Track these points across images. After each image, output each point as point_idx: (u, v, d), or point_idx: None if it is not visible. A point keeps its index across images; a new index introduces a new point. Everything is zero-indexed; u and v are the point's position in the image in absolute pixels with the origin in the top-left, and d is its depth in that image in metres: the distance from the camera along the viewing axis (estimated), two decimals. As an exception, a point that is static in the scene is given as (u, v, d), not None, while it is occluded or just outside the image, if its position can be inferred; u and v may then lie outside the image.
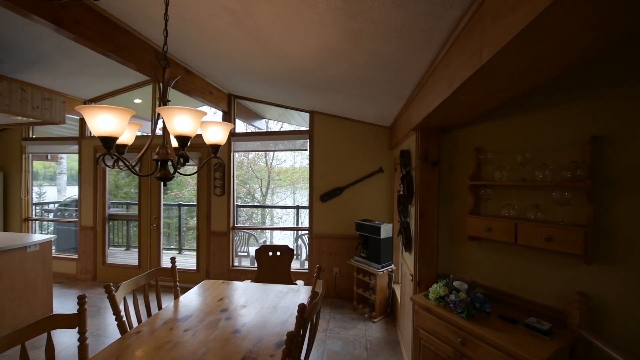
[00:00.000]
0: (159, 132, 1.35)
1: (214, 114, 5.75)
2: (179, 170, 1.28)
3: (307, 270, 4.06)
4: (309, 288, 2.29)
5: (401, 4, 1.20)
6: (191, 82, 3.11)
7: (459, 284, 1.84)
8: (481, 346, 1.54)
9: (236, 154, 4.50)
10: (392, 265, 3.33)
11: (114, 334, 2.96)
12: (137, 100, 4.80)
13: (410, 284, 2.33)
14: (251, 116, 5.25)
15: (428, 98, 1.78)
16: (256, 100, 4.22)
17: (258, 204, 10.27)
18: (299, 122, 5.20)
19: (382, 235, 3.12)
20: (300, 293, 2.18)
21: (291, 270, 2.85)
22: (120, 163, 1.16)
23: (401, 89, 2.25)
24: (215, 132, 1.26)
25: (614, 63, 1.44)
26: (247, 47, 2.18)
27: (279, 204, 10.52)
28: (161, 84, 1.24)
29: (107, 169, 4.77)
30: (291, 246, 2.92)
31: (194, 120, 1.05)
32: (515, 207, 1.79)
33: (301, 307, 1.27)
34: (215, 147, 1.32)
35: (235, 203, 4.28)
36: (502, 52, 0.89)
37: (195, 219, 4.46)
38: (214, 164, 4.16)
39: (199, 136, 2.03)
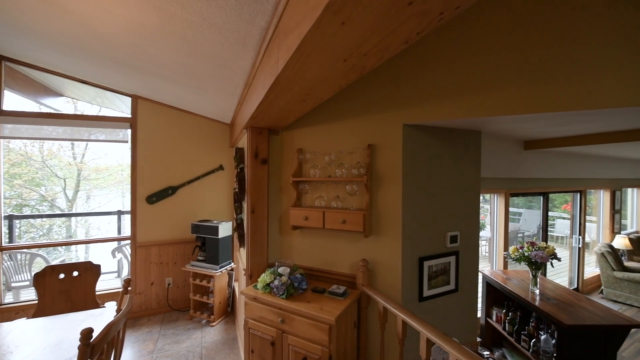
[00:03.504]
0: None
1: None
2: None
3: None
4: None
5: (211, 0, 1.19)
6: None
7: (283, 269, 2.05)
8: (296, 319, 1.78)
9: (11, 142, 3.15)
10: (232, 264, 3.31)
11: None
12: None
13: (244, 278, 2.39)
14: (40, 90, 3.82)
15: (253, 98, 1.88)
16: (48, 70, 3.10)
17: (61, 213, 7.65)
18: (124, 109, 4.26)
19: (221, 235, 3.04)
20: (104, 317, 1.78)
21: (99, 292, 2.28)
22: None
23: (232, 86, 2.26)
24: None
25: (362, 94, 2.01)
26: (10, -8, 1.56)
27: (96, 211, 8.24)
28: None
29: None
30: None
31: None
32: (324, 198, 2.19)
33: (85, 332, 1.02)
34: None
35: (2, 213, 2.97)
36: (288, 64, 1.05)
37: None
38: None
39: None
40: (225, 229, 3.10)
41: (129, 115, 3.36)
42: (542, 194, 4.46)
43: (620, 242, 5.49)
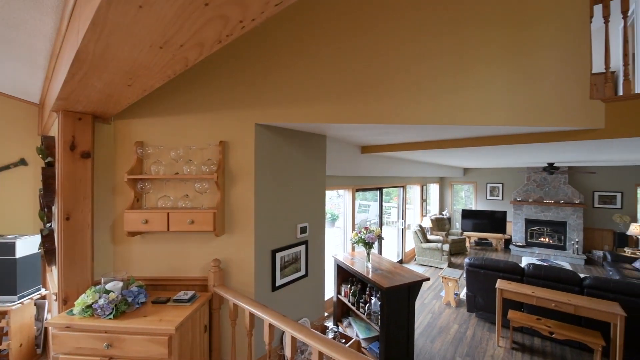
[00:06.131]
0: None
1: None
2: None
3: None
4: None
5: None
6: None
7: (113, 284, 1.73)
8: (127, 339, 1.54)
9: None
10: (43, 290, 2.51)
11: None
12: None
13: (57, 304, 1.86)
14: None
15: (59, 74, 1.48)
16: None
17: None
18: None
19: (21, 253, 2.24)
20: None
21: None
22: None
23: (32, 54, 1.72)
24: None
25: (215, 89, 1.99)
26: None
27: None
28: None
29: None
30: None
31: None
32: (171, 198, 1.99)
33: None
34: None
35: None
36: (89, 39, 0.89)
37: None
38: None
39: None
40: (28, 245, 2.31)
41: None
42: (378, 189, 5.63)
43: (426, 222, 7.61)
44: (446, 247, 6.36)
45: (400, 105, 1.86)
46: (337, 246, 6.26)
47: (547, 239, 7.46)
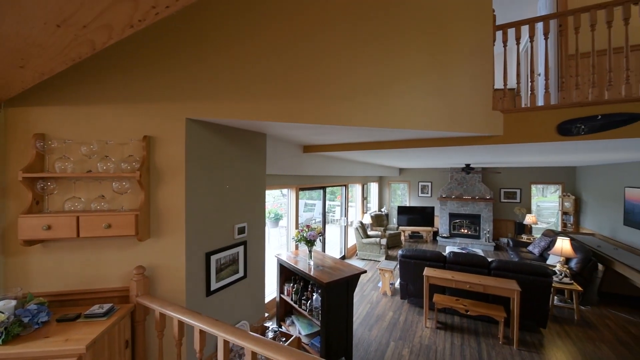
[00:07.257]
0: None
1: None
2: None
3: None
4: None
5: None
6: None
7: (2, 304, 1.44)
8: (20, 367, 1.30)
9: None
10: None
11: None
12: None
13: None
14: None
15: None
16: None
17: None
18: None
19: None
20: None
21: None
22: None
23: None
24: None
25: (139, 77, 1.82)
26: None
27: None
28: None
29: None
30: None
31: None
32: (82, 199, 1.74)
33: None
34: None
35: None
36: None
37: None
38: None
39: None
40: None
41: None
42: (322, 188, 5.77)
43: (367, 218, 8.05)
44: (384, 241, 6.84)
45: (334, 107, 1.94)
46: (282, 246, 6.23)
47: (466, 230, 8.57)
